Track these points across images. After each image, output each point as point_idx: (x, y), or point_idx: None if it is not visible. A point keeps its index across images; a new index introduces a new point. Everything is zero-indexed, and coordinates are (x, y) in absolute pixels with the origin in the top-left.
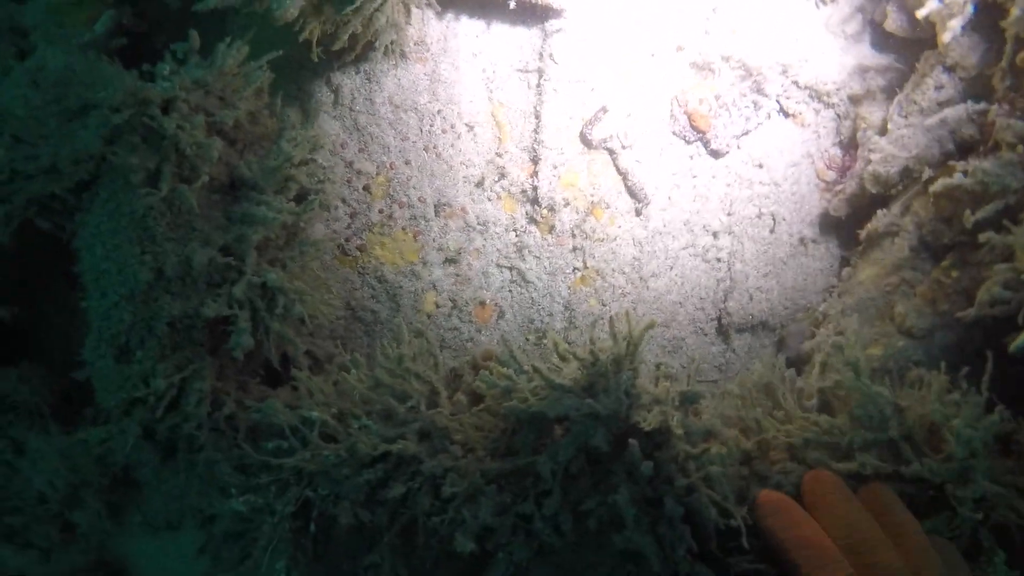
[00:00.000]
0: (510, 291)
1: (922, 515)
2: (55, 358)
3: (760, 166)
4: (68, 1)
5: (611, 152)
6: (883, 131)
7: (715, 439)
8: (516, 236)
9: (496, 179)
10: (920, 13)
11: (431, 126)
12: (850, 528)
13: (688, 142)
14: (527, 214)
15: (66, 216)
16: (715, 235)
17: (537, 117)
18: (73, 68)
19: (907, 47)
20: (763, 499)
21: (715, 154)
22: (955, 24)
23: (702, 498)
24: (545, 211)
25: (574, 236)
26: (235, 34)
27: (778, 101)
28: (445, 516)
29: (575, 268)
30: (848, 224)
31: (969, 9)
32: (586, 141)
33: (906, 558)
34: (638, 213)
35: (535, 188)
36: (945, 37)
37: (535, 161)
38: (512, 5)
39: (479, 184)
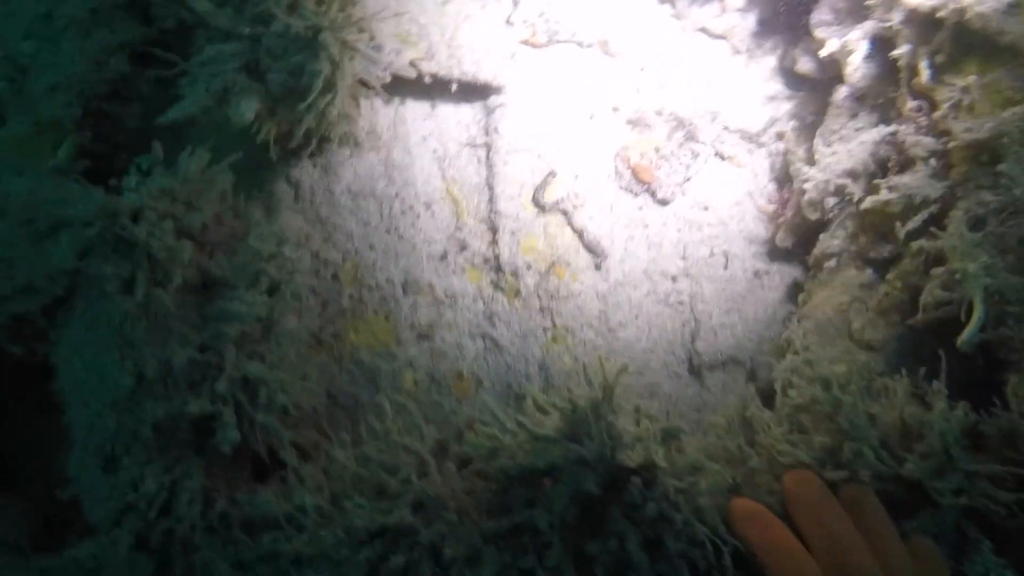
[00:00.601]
0: (485, 359)
1: (904, 515)
2: (31, 488)
3: (706, 208)
4: (29, 133)
5: (564, 213)
6: (811, 162)
7: (701, 472)
8: (484, 305)
9: (458, 252)
10: (823, 53)
11: (390, 209)
12: (826, 528)
13: (635, 194)
14: (492, 282)
15: (36, 339)
16: (674, 279)
17: (490, 188)
18: (39, 191)
19: (820, 86)
20: (734, 506)
21: (662, 203)
22: (856, 59)
23: (697, 534)
24: (509, 277)
25: (539, 297)
26: (195, 142)
27: (713, 146)
28: None
29: (545, 328)
30: (796, 251)
31: (865, 45)
32: (539, 205)
33: (880, 560)
34: (598, 267)
35: (496, 256)
36: (848, 71)
37: (493, 231)
38: (454, 88)
39: (442, 259)
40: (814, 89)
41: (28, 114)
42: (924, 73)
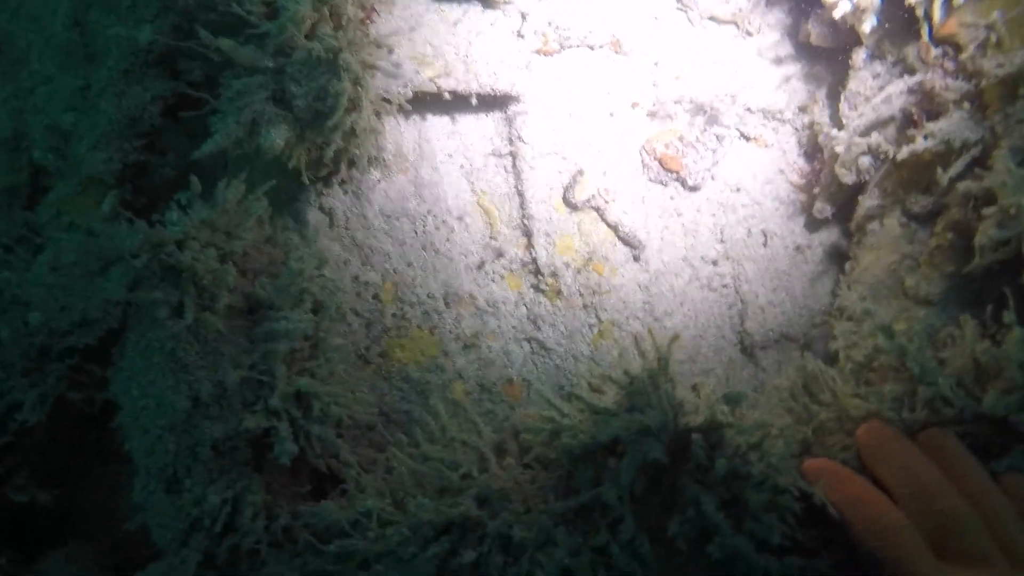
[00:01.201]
0: (534, 363)
1: (992, 456)
2: (98, 537)
3: (738, 190)
4: (75, 192)
5: (597, 209)
6: (839, 128)
7: (769, 430)
8: (527, 309)
9: (495, 260)
10: (836, 15)
11: (424, 227)
12: (910, 477)
13: (665, 184)
14: (532, 286)
15: (94, 387)
16: (714, 263)
17: (520, 194)
18: (90, 238)
19: (836, 54)
20: (807, 467)
21: (693, 189)
22: (870, 16)
23: (780, 483)
24: (549, 279)
25: (582, 295)
26: (230, 177)
27: (737, 128)
28: (522, 568)
29: (590, 325)
30: (836, 220)
31: (877, 2)
32: (570, 204)
33: (973, 503)
34: (636, 259)
35: (534, 260)
36: (865, 28)
37: (528, 235)
38: (474, 101)
39: (480, 268)
40: (830, 58)
41: (73, 176)
42: (938, 15)
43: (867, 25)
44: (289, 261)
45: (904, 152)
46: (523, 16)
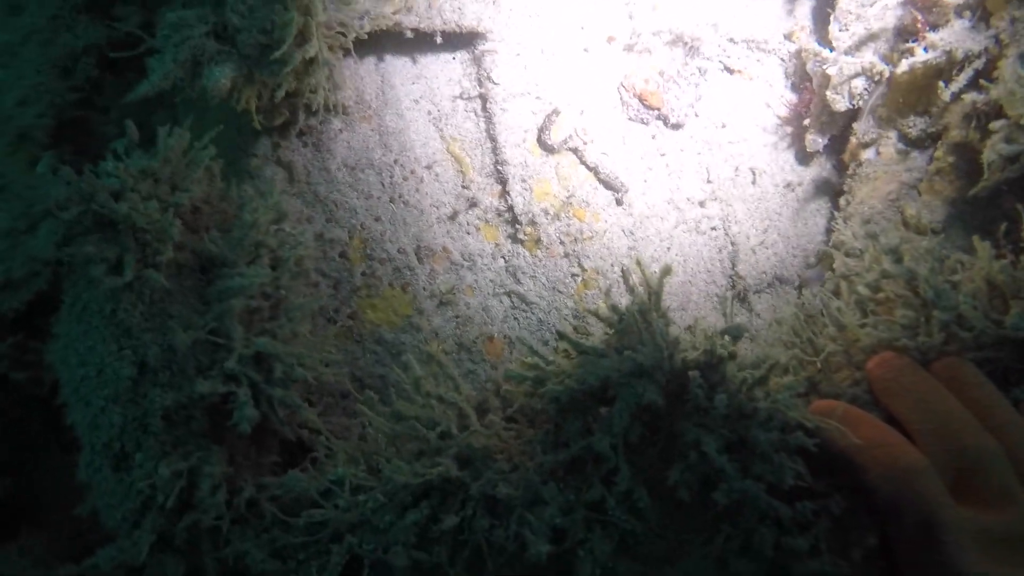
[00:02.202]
0: (515, 318)
1: (1012, 383)
2: (54, 528)
3: (723, 126)
4: (4, 152)
5: (575, 151)
6: (827, 49)
7: (772, 364)
8: (505, 261)
9: (469, 210)
10: None
11: (391, 178)
12: (928, 412)
13: (646, 123)
14: (509, 236)
15: (40, 366)
16: (702, 204)
17: (492, 139)
18: (10, 192)
19: None
20: (815, 409)
21: (676, 127)
22: None
23: (789, 420)
24: (527, 228)
25: (563, 243)
26: (175, 122)
27: (720, 61)
28: (509, 529)
29: (573, 275)
30: (828, 153)
31: None
32: (546, 147)
33: (996, 436)
34: (619, 203)
35: (510, 208)
36: None
37: (502, 182)
38: (439, 39)
39: (453, 220)
40: None
41: (1, 134)
42: None
43: None
44: (243, 212)
45: (903, 66)
46: None
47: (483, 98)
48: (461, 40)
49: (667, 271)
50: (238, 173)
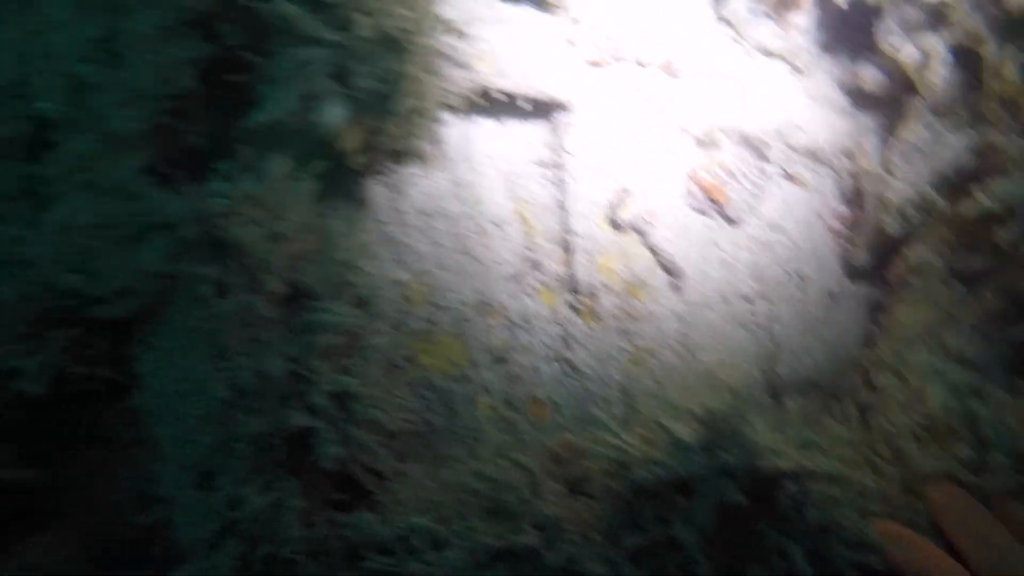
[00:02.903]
0: (563, 384)
1: None
2: (83, 523)
3: (777, 229)
4: (94, 150)
5: (639, 232)
6: (886, 175)
7: (841, 482)
8: (560, 327)
9: (531, 273)
10: (896, 62)
11: (460, 229)
12: (989, 547)
13: (707, 214)
14: (567, 303)
15: (99, 363)
16: (750, 301)
17: (562, 207)
18: (126, 201)
19: (888, 102)
20: (880, 529)
21: (733, 223)
22: (932, 68)
23: (866, 538)
24: (585, 298)
25: (617, 319)
26: (275, 150)
27: (781, 167)
28: None
29: (624, 351)
30: (873, 270)
31: (942, 52)
32: (614, 224)
33: None
34: (675, 288)
35: (571, 277)
36: (923, 81)
37: (567, 250)
38: (521, 105)
39: (515, 280)
40: (883, 106)
41: (92, 131)
42: (1010, 72)
43: (927, 77)
44: (332, 249)
45: (962, 208)
46: (576, 23)
47: (557, 166)
48: (543, 108)
49: (751, 381)
50: (328, 203)
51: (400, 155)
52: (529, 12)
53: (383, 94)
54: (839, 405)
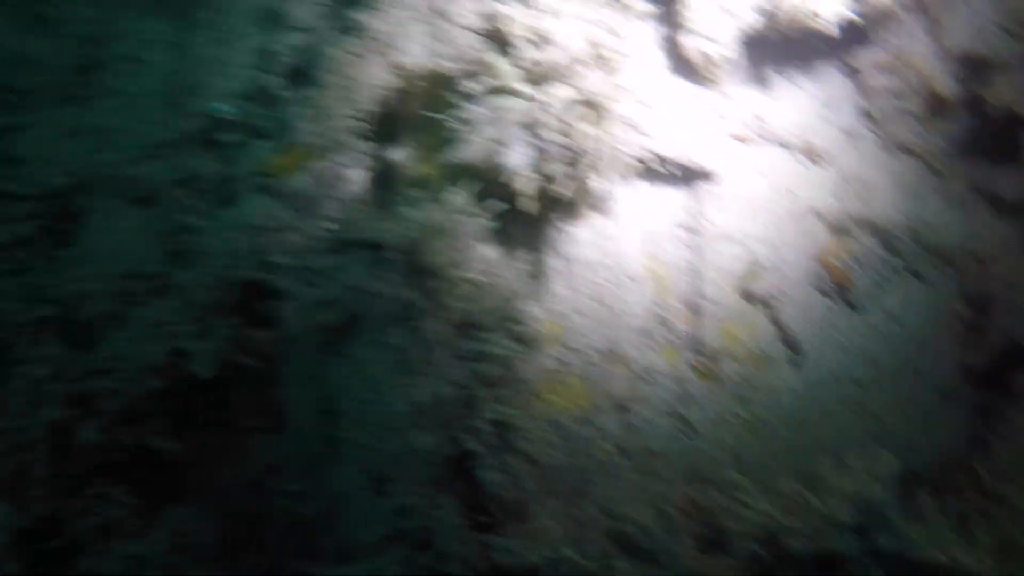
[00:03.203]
0: (677, 439)
1: None
2: (212, 496)
3: (897, 321)
4: (276, 153)
5: (767, 305)
6: (1018, 285)
7: None
8: (679, 385)
9: (659, 329)
10: None
11: (598, 278)
12: None
13: (831, 297)
14: (689, 363)
15: (261, 355)
16: (863, 387)
17: (695, 271)
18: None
19: (1022, 213)
20: None
21: (855, 309)
22: None
23: None
24: (707, 361)
25: (736, 385)
26: (461, 185)
27: (908, 261)
28: None
29: (739, 417)
30: (990, 377)
31: None
32: (744, 294)
33: None
34: (794, 364)
35: (697, 338)
36: None
37: (695, 312)
38: (669, 170)
39: (643, 334)
40: (1018, 214)
41: (279, 138)
42: None
43: None
44: (496, 284)
45: None
46: (727, 98)
47: (695, 231)
48: (689, 175)
49: (892, 464)
50: (498, 244)
51: (566, 205)
52: (687, 85)
53: (567, 149)
54: (947, 503)
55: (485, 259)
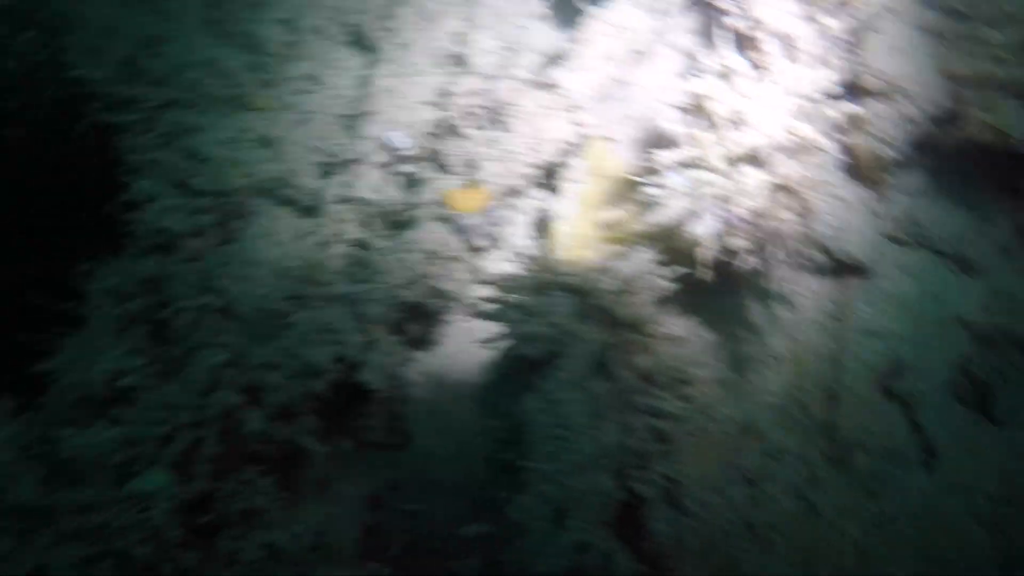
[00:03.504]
0: (800, 522)
1: None
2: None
3: None
4: (457, 188)
5: (906, 404)
6: None
7: None
8: (809, 469)
9: (794, 411)
10: None
11: (740, 350)
12: None
13: (972, 408)
14: (821, 450)
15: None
16: (995, 501)
17: (837, 361)
18: None
19: None
20: None
21: (997, 423)
22: None
23: None
24: (840, 450)
25: (867, 479)
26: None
27: None
28: None
29: (867, 510)
30: None
31: None
32: (884, 390)
33: None
34: (926, 467)
35: (832, 425)
36: None
37: (833, 400)
38: (822, 259)
39: (779, 412)
40: None
41: (464, 174)
42: None
43: None
44: (672, 342)
45: None
46: (887, 201)
47: (841, 320)
48: (842, 267)
49: None
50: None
51: (736, 276)
52: (848, 184)
53: (755, 226)
54: None
55: (668, 319)
